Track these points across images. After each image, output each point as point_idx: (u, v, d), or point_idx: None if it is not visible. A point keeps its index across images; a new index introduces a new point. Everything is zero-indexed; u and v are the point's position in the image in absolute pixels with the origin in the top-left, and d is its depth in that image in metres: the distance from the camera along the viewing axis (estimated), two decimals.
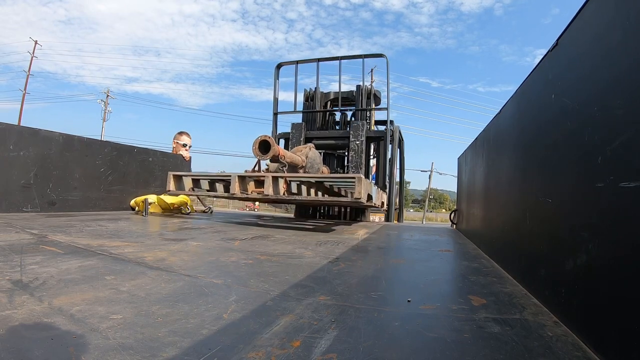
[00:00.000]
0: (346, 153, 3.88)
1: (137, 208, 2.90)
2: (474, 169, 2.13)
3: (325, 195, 2.31)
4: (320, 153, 3.25)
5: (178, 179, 2.46)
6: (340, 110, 4.15)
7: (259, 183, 2.22)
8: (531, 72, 1.06)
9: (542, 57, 0.97)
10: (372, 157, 4.23)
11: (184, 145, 3.97)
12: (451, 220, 3.11)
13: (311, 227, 2.61)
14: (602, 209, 0.60)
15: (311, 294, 0.84)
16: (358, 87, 3.98)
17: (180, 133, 4.05)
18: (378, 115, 4.54)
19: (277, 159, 2.31)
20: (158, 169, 3.29)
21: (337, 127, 4.21)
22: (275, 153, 2.24)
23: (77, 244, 1.30)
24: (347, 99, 4.09)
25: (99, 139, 5.20)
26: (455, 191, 3.23)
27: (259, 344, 0.55)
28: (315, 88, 4.02)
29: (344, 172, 3.74)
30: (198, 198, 3.98)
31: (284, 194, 2.10)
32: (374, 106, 3.98)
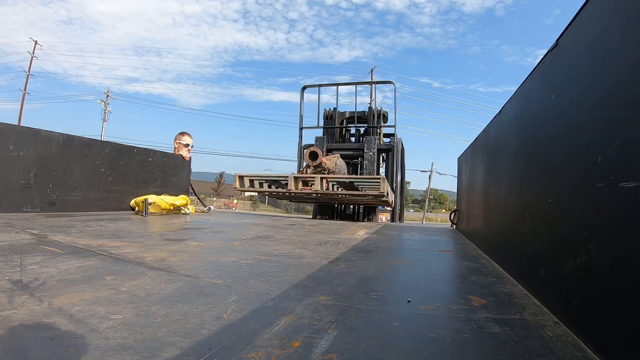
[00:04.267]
0: (360, 161, 4.70)
1: (137, 208, 2.90)
2: (474, 169, 2.13)
3: (355, 193, 3.13)
4: (334, 154, 4.02)
5: (241, 179, 3.33)
6: (355, 127, 5.05)
7: (304, 183, 3.11)
8: (531, 72, 1.06)
9: (542, 57, 0.97)
10: (380, 165, 4.95)
11: (187, 146, 3.96)
12: (451, 221, 3.11)
13: (312, 227, 2.61)
14: (602, 209, 0.60)
15: (311, 294, 0.84)
16: (370, 108, 4.90)
17: (182, 133, 4.04)
18: (384, 128, 5.35)
19: (319, 164, 3.23)
20: (158, 169, 3.29)
21: (352, 140, 5.08)
22: (321, 161, 3.19)
23: (77, 244, 1.30)
24: (360, 117, 4.93)
25: (99, 139, 5.20)
26: (455, 191, 3.24)
27: (259, 344, 0.55)
28: (334, 108, 4.85)
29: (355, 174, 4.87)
30: (198, 198, 3.98)
31: (325, 189, 2.99)
32: (382, 124, 4.82)
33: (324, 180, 3.00)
